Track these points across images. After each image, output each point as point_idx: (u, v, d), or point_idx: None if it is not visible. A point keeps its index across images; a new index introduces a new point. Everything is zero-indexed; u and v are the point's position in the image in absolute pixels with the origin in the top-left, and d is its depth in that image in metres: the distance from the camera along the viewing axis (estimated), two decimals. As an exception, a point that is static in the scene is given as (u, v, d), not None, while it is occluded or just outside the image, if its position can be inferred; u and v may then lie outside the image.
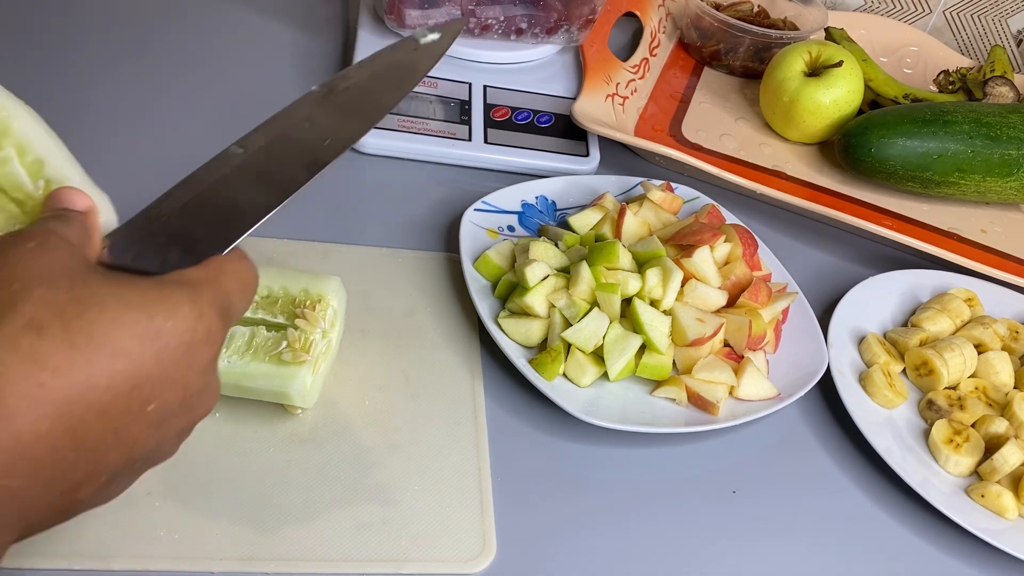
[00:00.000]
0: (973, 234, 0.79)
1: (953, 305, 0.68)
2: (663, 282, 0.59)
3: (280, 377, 0.49)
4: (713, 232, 0.62)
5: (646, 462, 0.56)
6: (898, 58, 0.97)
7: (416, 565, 0.48)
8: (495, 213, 0.67)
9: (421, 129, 0.72)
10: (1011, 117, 0.77)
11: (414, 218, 0.68)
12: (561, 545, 0.51)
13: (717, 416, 0.57)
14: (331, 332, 0.52)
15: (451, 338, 0.60)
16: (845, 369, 0.63)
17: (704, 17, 0.89)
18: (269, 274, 0.53)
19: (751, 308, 0.61)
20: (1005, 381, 0.64)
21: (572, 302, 0.58)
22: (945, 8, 1.02)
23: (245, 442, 0.51)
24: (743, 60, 0.90)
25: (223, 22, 0.80)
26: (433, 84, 0.76)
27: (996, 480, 0.58)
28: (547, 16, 0.78)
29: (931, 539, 0.57)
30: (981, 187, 0.78)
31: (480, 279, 0.61)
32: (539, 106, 0.77)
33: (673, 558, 0.52)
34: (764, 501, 0.56)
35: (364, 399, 0.55)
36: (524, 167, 0.73)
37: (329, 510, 0.49)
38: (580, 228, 0.66)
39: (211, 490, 0.48)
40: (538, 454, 0.55)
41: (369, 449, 0.52)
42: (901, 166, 0.77)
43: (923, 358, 0.64)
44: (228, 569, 0.46)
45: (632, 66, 0.84)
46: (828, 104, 0.80)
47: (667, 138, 0.80)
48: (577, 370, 0.57)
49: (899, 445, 0.60)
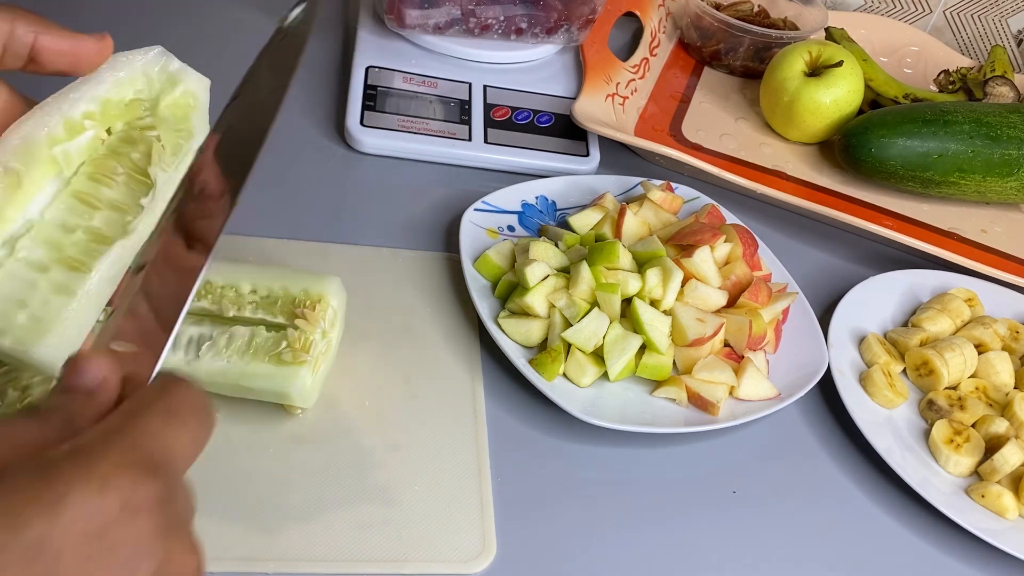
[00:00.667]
0: (973, 234, 0.79)
1: (953, 305, 0.68)
2: (663, 282, 0.59)
3: (280, 377, 0.49)
4: (713, 232, 0.62)
5: (646, 462, 0.56)
6: (898, 58, 0.97)
7: (416, 565, 0.48)
8: (495, 213, 0.67)
9: (421, 129, 0.72)
10: (1011, 117, 0.77)
11: (414, 218, 0.68)
12: (561, 545, 0.51)
13: (717, 416, 0.57)
14: (331, 332, 0.52)
15: (451, 338, 0.60)
16: (845, 369, 0.63)
17: (704, 17, 0.89)
18: (269, 274, 0.53)
19: (751, 308, 0.61)
20: (1005, 381, 0.64)
21: (572, 302, 0.58)
22: (945, 8, 1.02)
23: (245, 442, 0.51)
24: (743, 60, 0.90)
25: (223, 22, 0.80)
26: (433, 84, 0.76)
27: (996, 480, 0.58)
28: (547, 16, 0.78)
29: (931, 539, 0.57)
30: (981, 187, 0.78)
31: (480, 279, 0.61)
32: (539, 106, 0.77)
33: (673, 558, 0.52)
34: (764, 501, 0.56)
35: (364, 399, 0.55)
36: (524, 167, 0.73)
37: (329, 510, 0.49)
38: (580, 228, 0.66)
39: (211, 490, 0.48)
40: (538, 454, 0.55)
41: (369, 449, 0.52)
42: (901, 166, 0.77)
43: (923, 358, 0.64)
44: (228, 569, 0.46)
45: (632, 66, 0.84)
46: (828, 104, 0.80)
47: (667, 138, 0.80)
48: (577, 370, 0.57)
49: (899, 445, 0.60)
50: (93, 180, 0.41)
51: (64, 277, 0.39)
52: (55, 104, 0.39)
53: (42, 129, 0.38)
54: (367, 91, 0.73)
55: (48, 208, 0.40)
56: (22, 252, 0.39)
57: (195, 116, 0.44)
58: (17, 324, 0.38)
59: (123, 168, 0.41)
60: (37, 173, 0.39)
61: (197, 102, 0.44)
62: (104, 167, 0.41)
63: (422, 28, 0.76)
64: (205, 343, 0.50)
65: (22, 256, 0.39)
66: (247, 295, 0.52)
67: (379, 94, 0.73)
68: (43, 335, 0.38)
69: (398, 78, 0.75)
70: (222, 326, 0.51)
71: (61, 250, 0.39)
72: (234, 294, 0.52)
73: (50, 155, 0.39)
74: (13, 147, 0.38)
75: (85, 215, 0.40)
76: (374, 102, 0.72)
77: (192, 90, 0.44)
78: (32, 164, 0.38)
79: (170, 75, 0.43)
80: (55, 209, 0.40)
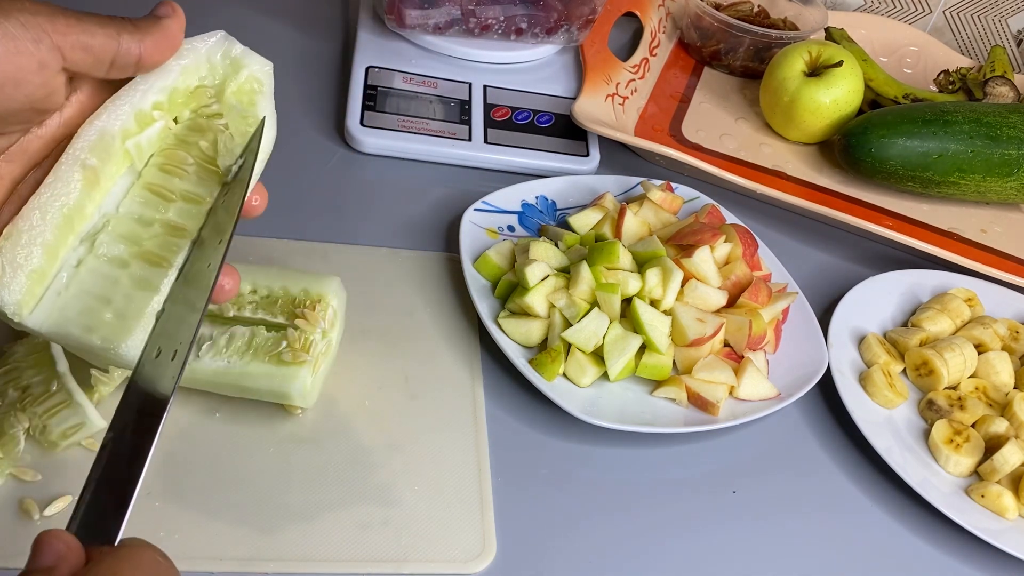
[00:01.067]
0: (973, 234, 0.79)
1: (953, 305, 0.68)
2: (663, 282, 0.59)
3: (280, 377, 0.49)
4: (713, 232, 0.62)
5: (646, 462, 0.56)
6: (898, 58, 0.97)
7: (416, 565, 0.48)
8: (495, 213, 0.67)
9: (421, 129, 0.72)
10: (1011, 117, 0.77)
11: (414, 218, 0.68)
12: (561, 545, 0.51)
13: (717, 416, 0.57)
14: (331, 332, 0.52)
15: (451, 338, 0.60)
16: (845, 369, 0.63)
17: (704, 17, 0.89)
18: (269, 274, 0.53)
19: (751, 308, 0.61)
20: (1005, 381, 0.64)
21: (572, 302, 0.58)
22: (945, 8, 1.02)
23: (245, 442, 0.51)
24: (743, 60, 0.90)
25: (222, 22, 0.80)
26: (433, 84, 0.76)
27: (996, 480, 0.58)
28: (547, 16, 0.78)
29: (931, 539, 0.57)
30: (981, 187, 0.78)
31: (480, 279, 0.61)
32: (539, 106, 0.77)
33: (673, 558, 0.52)
34: (764, 501, 0.56)
35: (364, 399, 0.55)
36: (524, 167, 0.73)
37: (329, 510, 0.49)
38: (580, 228, 0.66)
39: (211, 490, 0.48)
40: (538, 454, 0.55)
41: (369, 449, 0.52)
42: (901, 166, 0.77)
43: (923, 358, 0.64)
44: (228, 569, 0.46)
45: (632, 66, 0.84)
46: (828, 104, 0.80)
47: (667, 138, 0.80)
48: (577, 370, 0.57)
49: (899, 445, 0.60)
50: (164, 172, 0.41)
51: (145, 272, 0.39)
52: (126, 96, 0.38)
53: (116, 123, 0.38)
54: (367, 91, 0.73)
55: (123, 202, 0.40)
56: (102, 248, 0.39)
57: (260, 100, 0.43)
58: (104, 321, 0.38)
59: (192, 158, 0.41)
60: (112, 168, 0.39)
61: (262, 87, 0.43)
62: (174, 158, 0.41)
63: (422, 28, 0.76)
64: (205, 343, 0.50)
65: (102, 252, 0.39)
66: (247, 295, 0.52)
67: (379, 94, 0.73)
68: (130, 332, 0.38)
69: (398, 78, 0.75)
70: (222, 326, 0.51)
71: (139, 244, 0.40)
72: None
73: (124, 149, 0.39)
74: (90, 143, 0.37)
75: (160, 207, 0.40)
76: (374, 102, 0.73)
77: (255, 74, 0.43)
78: (107, 159, 0.38)
79: (233, 60, 0.42)
80: (129, 202, 0.40)
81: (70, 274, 0.38)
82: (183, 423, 0.51)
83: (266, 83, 0.44)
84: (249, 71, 0.43)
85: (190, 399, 0.52)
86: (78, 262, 0.39)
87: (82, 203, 0.38)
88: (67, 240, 0.38)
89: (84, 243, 0.39)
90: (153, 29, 0.37)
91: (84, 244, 0.39)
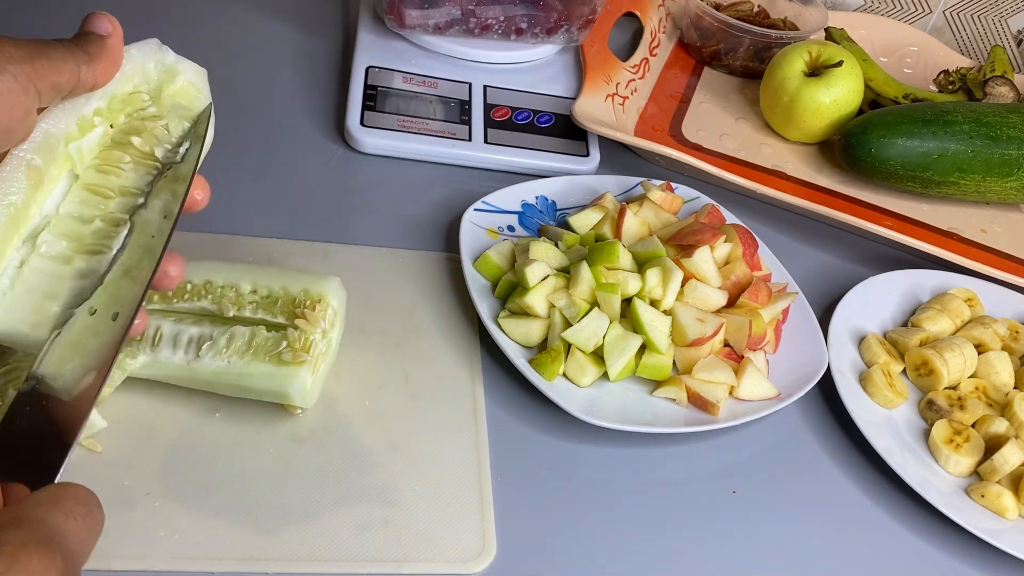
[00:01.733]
0: (973, 234, 0.79)
1: (953, 305, 0.68)
2: (663, 282, 0.59)
3: (280, 377, 0.49)
4: (713, 232, 0.62)
5: (646, 462, 0.56)
6: (898, 58, 0.97)
7: (416, 565, 0.48)
8: (495, 213, 0.67)
9: (421, 129, 0.72)
10: (1011, 117, 0.77)
11: (414, 218, 0.68)
12: (561, 545, 0.51)
13: (717, 416, 0.57)
14: (331, 332, 0.52)
15: (451, 338, 0.60)
16: (845, 369, 0.63)
17: (704, 17, 0.89)
18: (269, 274, 0.53)
19: (751, 308, 0.61)
20: (1005, 381, 0.64)
21: (572, 302, 0.58)
22: (945, 8, 1.02)
23: (245, 442, 0.51)
24: (743, 60, 0.90)
25: (222, 22, 0.80)
26: (433, 84, 0.76)
27: (996, 480, 0.58)
28: (547, 16, 0.78)
29: (931, 539, 0.57)
30: (981, 187, 0.78)
31: (480, 279, 0.61)
32: (539, 106, 0.77)
33: (673, 558, 0.52)
34: (764, 501, 0.56)
35: (364, 399, 0.55)
36: (524, 167, 0.73)
37: (329, 510, 0.49)
38: (580, 228, 0.66)
39: (211, 490, 0.48)
40: (538, 454, 0.55)
41: (369, 449, 0.52)
42: (901, 166, 0.77)
43: (923, 358, 0.64)
44: (228, 569, 0.46)
45: (632, 66, 0.84)
46: (828, 104, 0.80)
47: (667, 138, 0.80)
48: (577, 370, 0.57)
49: (899, 445, 0.60)
50: (102, 172, 0.42)
51: (87, 263, 0.40)
52: (71, 102, 0.40)
53: (59, 126, 0.39)
54: (367, 91, 0.73)
55: (62, 203, 0.41)
56: (44, 247, 0.40)
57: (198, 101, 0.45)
58: (52, 315, 0.39)
59: (129, 156, 0.42)
60: (55, 170, 0.40)
61: (200, 91, 0.45)
62: (111, 158, 0.42)
63: (422, 28, 0.76)
64: (205, 343, 0.50)
65: (44, 251, 0.40)
66: (247, 295, 0.52)
67: (379, 94, 0.73)
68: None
69: (398, 78, 0.75)
70: (222, 326, 0.51)
71: (81, 240, 0.40)
72: (234, 294, 0.52)
73: (66, 152, 0.40)
74: (35, 144, 0.38)
75: (100, 205, 0.41)
76: (374, 102, 0.73)
77: (192, 80, 0.45)
78: (51, 161, 0.39)
79: (167, 67, 0.44)
80: (69, 203, 0.41)
81: (13, 275, 0.39)
82: (183, 423, 0.51)
83: (203, 89, 0.45)
84: (185, 77, 0.44)
85: (190, 399, 0.52)
86: (21, 262, 0.39)
87: (27, 203, 0.39)
88: (12, 240, 0.38)
89: (26, 244, 0.40)
90: (102, 54, 0.39)
91: (26, 244, 0.40)
